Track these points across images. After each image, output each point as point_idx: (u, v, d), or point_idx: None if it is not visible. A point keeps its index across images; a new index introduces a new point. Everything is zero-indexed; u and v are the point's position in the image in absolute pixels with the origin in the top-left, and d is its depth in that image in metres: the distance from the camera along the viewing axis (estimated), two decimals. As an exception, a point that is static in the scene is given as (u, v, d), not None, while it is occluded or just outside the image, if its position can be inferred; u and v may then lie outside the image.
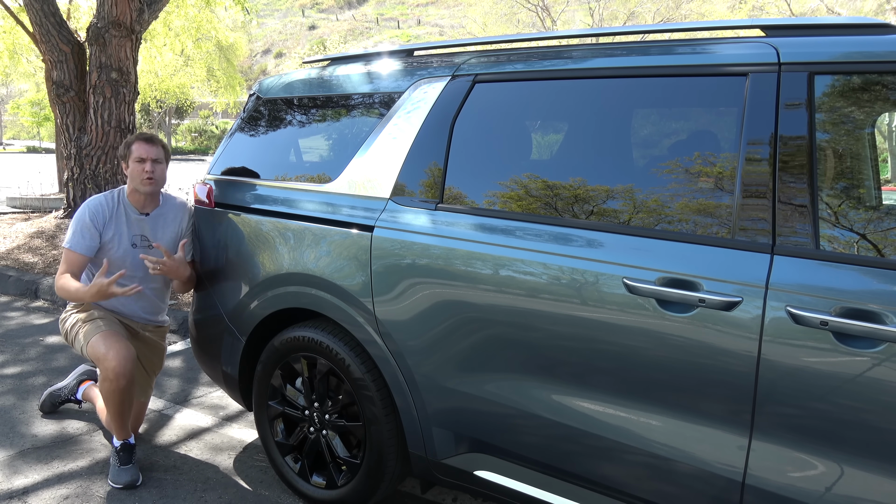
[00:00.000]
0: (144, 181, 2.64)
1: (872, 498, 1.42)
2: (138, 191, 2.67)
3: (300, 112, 2.57)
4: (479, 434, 1.97)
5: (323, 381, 2.30)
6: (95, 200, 2.66)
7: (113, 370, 2.42)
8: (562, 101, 1.92)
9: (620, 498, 1.75)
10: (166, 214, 2.76)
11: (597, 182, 1.81)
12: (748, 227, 1.56)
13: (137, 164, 2.64)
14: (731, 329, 1.53)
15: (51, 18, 6.89)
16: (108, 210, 2.66)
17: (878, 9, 19.78)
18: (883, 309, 1.38)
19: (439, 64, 2.20)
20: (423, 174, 2.09)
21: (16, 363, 3.75)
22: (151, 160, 2.65)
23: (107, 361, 2.43)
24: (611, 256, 1.70)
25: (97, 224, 2.62)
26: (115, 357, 2.43)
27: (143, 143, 2.67)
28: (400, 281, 2.02)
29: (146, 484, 2.51)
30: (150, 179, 2.64)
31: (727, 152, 1.64)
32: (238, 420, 3.12)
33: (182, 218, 2.79)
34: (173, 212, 2.78)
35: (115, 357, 2.43)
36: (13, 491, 2.43)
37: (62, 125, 7.03)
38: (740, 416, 1.54)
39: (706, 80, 1.69)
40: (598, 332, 1.70)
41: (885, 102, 1.51)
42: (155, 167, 2.66)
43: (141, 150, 2.65)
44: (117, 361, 2.42)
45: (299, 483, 2.40)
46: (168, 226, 2.76)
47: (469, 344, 1.92)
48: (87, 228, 2.60)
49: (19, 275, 5.49)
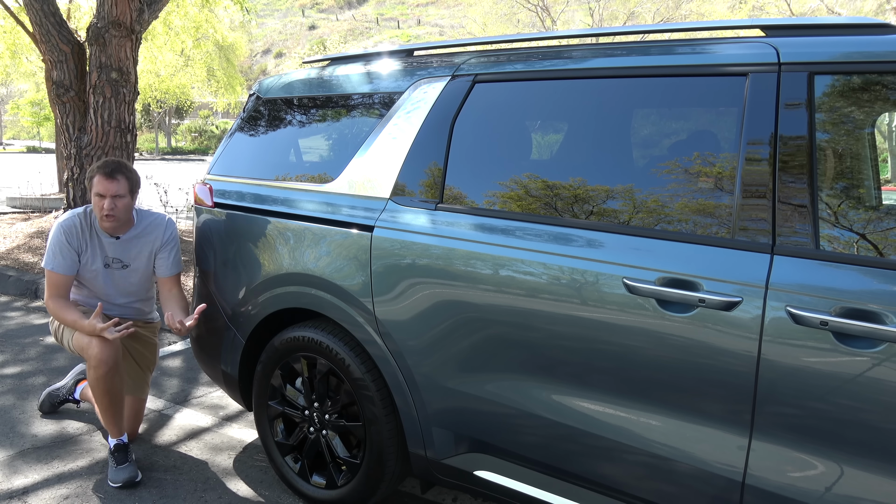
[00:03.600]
0: (103, 218, 2.53)
1: (872, 498, 1.42)
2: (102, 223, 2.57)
3: (300, 112, 2.57)
4: (479, 434, 1.97)
5: (323, 381, 2.30)
6: (69, 221, 2.59)
7: (95, 357, 2.44)
8: (562, 102, 1.92)
9: (620, 498, 1.75)
10: (140, 235, 2.68)
11: (597, 182, 1.81)
12: (748, 227, 1.56)
13: (97, 200, 2.51)
14: (731, 329, 1.53)
15: (51, 18, 6.89)
16: (81, 231, 2.60)
17: (878, 9, 19.78)
18: (883, 309, 1.38)
19: (439, 64, 2.20)
20: (422, 174, 2.09)
21: (15, 363, 3.75)
22: (111, 196, 2.50)
23: (90, 349, 2.46)
24: (611, 256, 1.70)
25: (72, 244, 2.59)
26: (98, 345, 2.45)
27: (103, 178, 2.49)
28: (400, 281, 2.02)
29: (146, 484, 2.51)
30: (108, 216, 2.52)
31: (727, 152, 1.64)
32: (238, 420, 3.12)
33: (157, 235, 2.71)
34: (148, 230, 2.70)
35: (98, 345, 2.45)
36: (13, 491, 2.43)
37: (62, 125, 7.03)
38: (740, 416, 1.54)
39: (706, 80, 1.69)
40: (598, 332, 1.70)
41: (885, 102, 1.51)
42: (116, 203, 2.51)
43: (100, 185, 2.49)
44: (99, 349, 2.45)
45: (299, 483, 2.40)
46: (143, 247, 2.69)
47: (469, 344, 1.92)
48: (65, 248, 2.57)
49: (19, 275, 5.49)
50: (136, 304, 2.81)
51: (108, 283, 2.69)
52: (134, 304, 2.80)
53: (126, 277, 2.72)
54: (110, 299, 2.73)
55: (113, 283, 2.70)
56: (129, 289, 2.74)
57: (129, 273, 2.71)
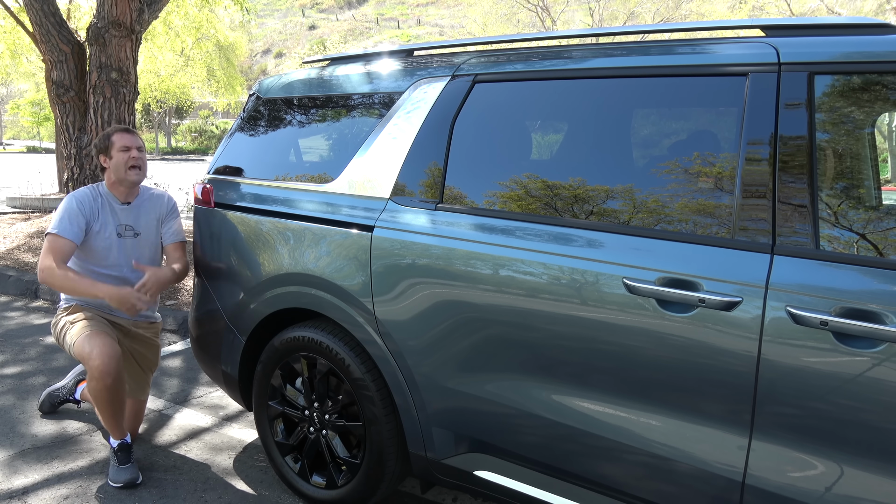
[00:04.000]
0: (129, 170, 2.68)
1: (872, 498, 1.42)
2: (125, 180, 2.69)
3: (300, 112, 2.57)
4: (479, 434, 1.97)
5: (323, 381, 2.30)
6: (81, 191, 2.69)
7: (97, 368, 2.41)
8: (562, 102, 1.92)
9: (620, 498, 1.75)
10: (146, 203, 2.82)
11: (597, 182, 1.81)
12: (748, 227, 1.56)
13: (122, 153, 2.67)
14: (731, 329, 1.53)
15: (51, 18, 6.89)
16: (93, 201, 2.69)
17: (878, 9, 19.78)
18: (883, 309, 1.38)
19: (439, 64, 2.20)
20: (423, 174, 2.09)
21: (15, 363, 3.75)
22: (136, 147, 2.71)
23: (91, 360, 2.42)
24: (611, 256, 1.70)
25: (84, 211, 2.63)
26: (99, 356, 2.41)
27: (125, 133, 2.72)
28: (400, 281, 2.02)
29: (146, 484, 2.51)
30: (136, 168, 2.69)
31: (727, 152, 1.64)
32: (238, 420, 3.12)
33: (161, 203, 2.85)
34: (151, 200, 2.84)
35: (99, 356, 2.41)
36: (13, 491, 2.43)
37: (62, 125, 7.03)
38: (740, 416, 1.54)
39: (706, 80, 1.69)
40: (598, 332, 1.70)
41: (885, 102, 1.51)
42: (140, 154, 2.71)
43: (124, 139, 2.70)
44: (101, 360, 2.41)
45: (299, 483, 2.40)
46: (150, 213, 2.82)
47: (469, 344, 1.92)
48: (75, 215, 2.60)
49: (19, 275, 5.49)
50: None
51: (121, 253, 2.72)
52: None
53: (138, 247, 2.75)
54: (122, 272, 2.73)
55: (125, 255, 2.72)
56: (141, 259, 2.76)
57: (140, 242, 2.76)
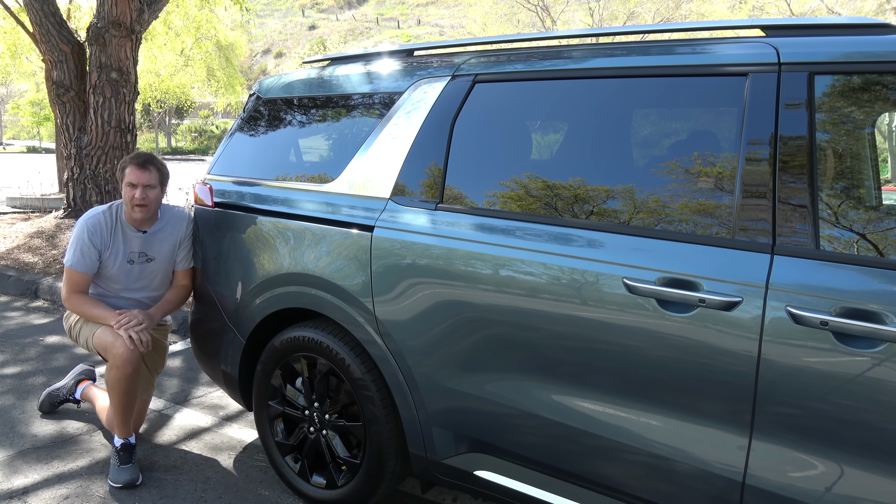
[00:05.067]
0: (134, 208, 2.58)
1: (872, 498, 1.42)
2: (130, 216, 2.63)
3: (300, 112, 2.57)
4: (479, 434, 1.97)
5: (323, 381, 2.30)
6: (94, 218, 2.61)
7: (120, 356, 2.44)
8: (562, 102, 1.92)
9: (620, 498, 1.75)
10: (164, 229, 2.73)
11: (597, 182, 1.81)
12: (748, 227, 1.56)
13: (129, 190, 2.58)
14: (732, 329, 1.53)
15: (51, 18, 6.89)
16: (106, 229, 2.62)
17: (878, 9, 19.78)
18: (883, 309, 1.38)
19: (439, 64, 2.20)
20: (423, 174, 2.09)
21: (15, 363, 3.75)
22: (143, 186, 2.56)
23: (114, 349, 2.46)
24: (611, 256, 1.70)
25: (95, 243, 2.60)
26: (123, 344, 2.45)
27: (136, 169, 2.57)
28: (400, 281, 2.02)
29: (146, 484, 2.51)
30: (140, 206, 2.58)
31: (727, 152, 1.64)
32: (238, 420, 3.12)
33: (180, 228, 2.76)
34: (171, 224, 2.74)
35: (123, 344, 2.45)
36: (13, 491, 2.43)
37: (62, 125, 7.04)
38: (740, 416, 1.54)
39: (706, 80, 1.69)
40: (599, 332, 1.70)
41: (885, 102, 1.51)
42: (147, 193, 2.57)
43: (133, 175, 2.57)
44: (125, 348, 2.45)
45: (299, 483, 2.40)
46: (166, 240, 2.73)
47: (469, 344, 1.92)
48: (88, 248, 2.59)
49: (19, 275, 5.49)
50: (154, 295, 2.79)
51: (129, 277, 2.70)
52: (153, 296, 2.79)
53: (150, 271, 2.73)
54: (130, 294, 2.72)
55: (135, 277, 2.71)
56: (152, 283, 2.76)
57: (154, 266, 2.73)
